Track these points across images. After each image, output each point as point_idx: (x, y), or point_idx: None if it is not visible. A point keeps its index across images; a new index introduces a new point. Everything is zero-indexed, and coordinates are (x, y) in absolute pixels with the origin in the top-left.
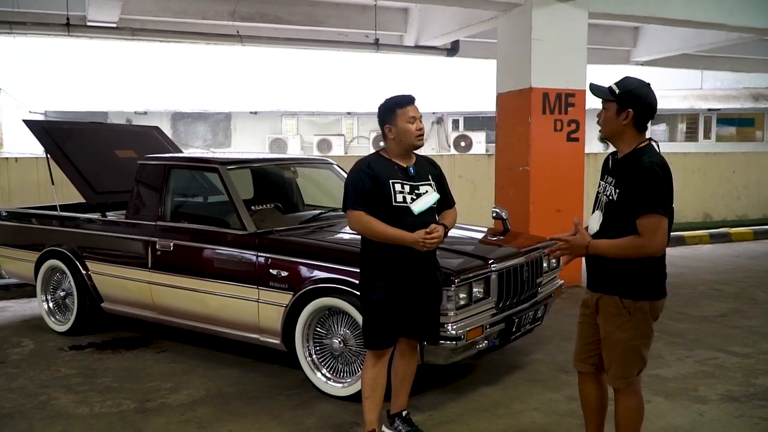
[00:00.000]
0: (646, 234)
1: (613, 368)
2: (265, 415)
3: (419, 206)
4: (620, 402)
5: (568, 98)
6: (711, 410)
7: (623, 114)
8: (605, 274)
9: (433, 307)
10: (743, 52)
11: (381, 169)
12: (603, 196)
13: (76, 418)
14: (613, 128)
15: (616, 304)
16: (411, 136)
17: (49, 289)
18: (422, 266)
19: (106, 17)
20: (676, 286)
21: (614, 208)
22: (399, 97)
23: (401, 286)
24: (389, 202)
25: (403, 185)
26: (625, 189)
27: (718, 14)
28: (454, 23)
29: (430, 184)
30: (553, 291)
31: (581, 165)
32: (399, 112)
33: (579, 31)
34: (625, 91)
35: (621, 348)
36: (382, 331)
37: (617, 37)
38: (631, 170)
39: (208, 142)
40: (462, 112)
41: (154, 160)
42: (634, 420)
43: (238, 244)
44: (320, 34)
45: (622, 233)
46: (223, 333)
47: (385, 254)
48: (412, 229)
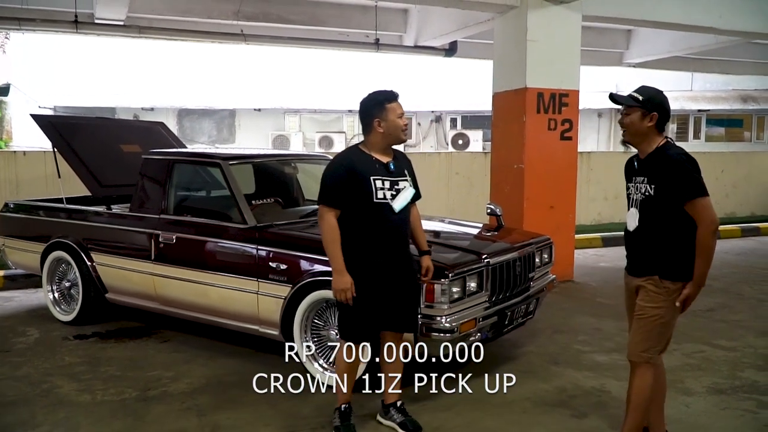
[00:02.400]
0: (702, 216)
1: (637, 341)
2: (263, 403)
3: (399, 203)
4: (635, 378)
5: (562, 98)
6: (697, 402)
7: (648, 117)
8: (646, 259)
9: (410, 298)
10: (732, 55)
11: (362, 164)
12: (637, 194)
13: (78, 405)
14: (638, 130)
15: (656, 283)
16: (399, 130)
17: (55, 280)
18: (395, 259)
19: (113, 15)
20: None
21: (652, 202)
22: (387, 92)
23: (375, 278)
24: (370, 199)
25: (383, 182)
26: (661, 182)
27: (708, 18)
28: (452, 24)
29: (407, 180)
30: (545, 285)
31: (574, 163)
32: (389, 107)
33: (573, 33)
34: (648, 98)
35: (650, 323)
36: (357, 323)
37: (610, 39)
38: (662, 165)
39: (213, 138)
40: (460, 111)
41: (158, 155)
42: (645, 396)
43: (239, 237)
44: (322, 33)
45: (660, 223)
46: (224, 324)
47: (359, 247)
48: (393, 225)
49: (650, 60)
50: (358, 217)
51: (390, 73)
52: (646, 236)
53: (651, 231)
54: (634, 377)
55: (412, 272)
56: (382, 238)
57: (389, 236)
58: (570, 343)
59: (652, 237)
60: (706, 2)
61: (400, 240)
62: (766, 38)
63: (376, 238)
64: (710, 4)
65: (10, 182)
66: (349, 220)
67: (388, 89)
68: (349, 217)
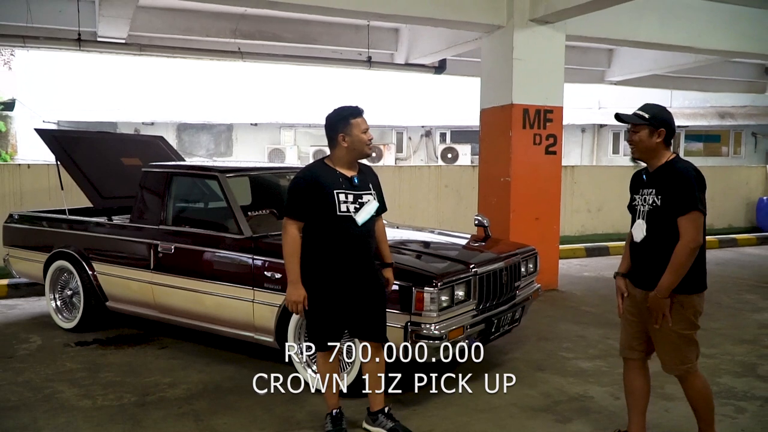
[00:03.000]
0: (688, 231)
1: (669, 358)
2: (259, 408)
3: (362, 217)
4: (688, 387)
5: (547, 114)
6: (676, 407)
7: (655, 134)
8: (657, 274)
9: (376, 307)
10: (710, 73)
11: (326, 178)
12: (643, 206)
13: (79, 410)
14: (647, 147)
15: (672, 299)
16: (364, 144)
17: (57, 288)
18: (359, 270)
19: (115, 33)
20: None
21: (659, 213)
22: (352, 108)
23: (339, 289)
24: (333, 212)
25: (347, 195)
26: (667, 193)
27: (687, 37)
28: (442, 43)
29: (371, 193)
30: (531, 294)
31: (558, 176)
32: (353, 122)
33: (557, 51)
34: (653, 114)
35: (675, 338)
36: (321, 333)
37: (593, 58)
38: (669, 177)
39: (211, 151)
40: (449, 125)
41: (158, 168)
42: (706, 398)
43: (235, 247)
44: (316, 51)
45: (667, 234)
46: (220, 331)
47: (323, 259)
48: (356, 237)
49: (631, 78)
50: (323, 230)
51: (382, 90)
52: (654, 247)
53: (659, 242)
54: (686, 389)
55: (377, 283)
56: (346, 250)
57: (353, 248)
58: (555, 350)
59: (661, 249)
60: (684, 23)
61: (363, 252)
62: (742, 57)
63: (340, 250)
64: (688, 25)
65: (15, 194)
66: (314, 232)
67: (353, 105)
68: (313, 230)
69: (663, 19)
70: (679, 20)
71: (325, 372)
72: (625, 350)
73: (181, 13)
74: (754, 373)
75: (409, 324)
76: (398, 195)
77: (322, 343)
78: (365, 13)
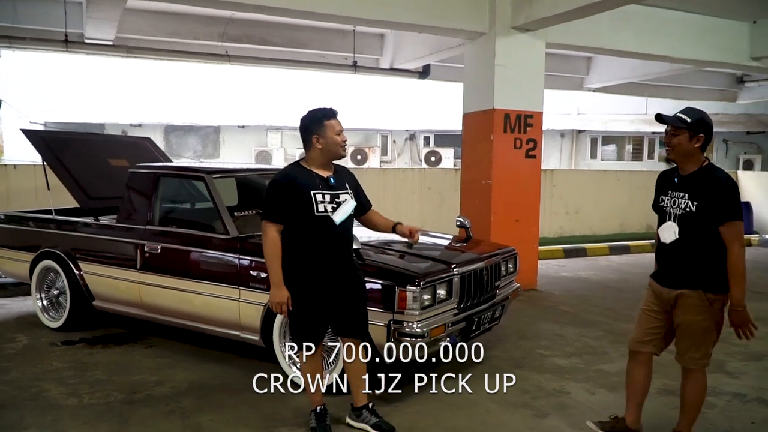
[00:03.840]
0: (734, 239)
1: (692, 351)
2: (245, 406)
3: (340, 216)
4: (690, 381)
5: (527, 119)
6: (648, 402)
7: (695, 139)
8: (689, 273)
9: (357, 304)
10: (684, 82)
11: (302, 180)
12: (674, 209)
13: (65, 408)
14: (686, 150)
15: (701, 297)
16: (338, 146)
17: (44, 288)
18: (339, 269)
19: (102, 35)
20: (621, 290)
21: (693, 218)
22: (326, 110)
23: (320, 288)
24: (311, 212)
25: (324, 195)
26: (705, 200)
27: (662, 47)
28: (426, 49)
29: (348, 193)
30: (510, 293)
31: (538, 180)
32: (327, 124)
33: (537, 58)
34: (697, 119)
35: (701, 334)
36: (303, 332)
37: (572, 65)
38: (708, 184)
39: (198, 153)
40: (432, 129)
41: (145, 169)
42: (702, 396)
43: (221, 247)
44: (303, 55)
45: (700, 238)
46: (207, 330)
47: (303, 259)
48: (335, 237)
49: (609, 85)
50: (301, 231)
51: (367, 94)
52: (687, 250)
53: (693, 246)
54: (688, 381)
55: (357, 280)
56: (325, 250)
57: (332, 248)
58: (533, 347)
59: (695, 252)
60: (660, 33)
61: (342, 251)
62: (714, 66)
63: (319, 250)
64: (664, 35)
65: (1, 194)
66: (293, 234)
67: (328, 107)
68: (292, 231)
69: (640, 29)
70: (655, 31)
71: (308, 370)
72: (637, 344)
73: (168, 16)
74: (723, 370)
75: (392, 322)
76: (382, 197)
77: (305, 342)
78: (352, 19)
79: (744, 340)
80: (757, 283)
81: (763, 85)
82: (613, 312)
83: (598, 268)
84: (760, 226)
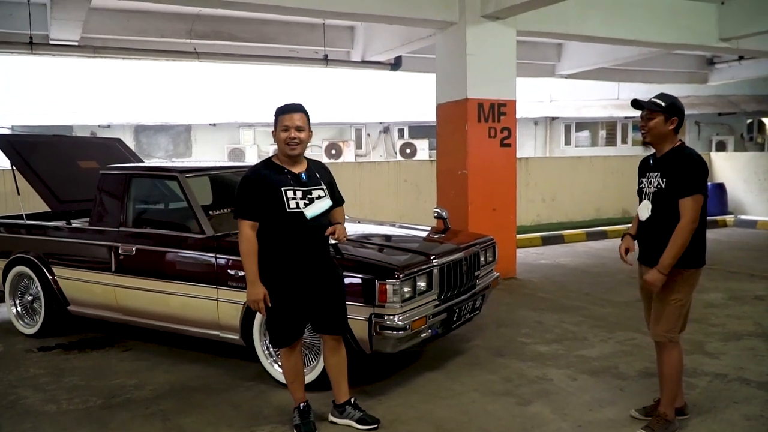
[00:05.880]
0: (687, 211)
1: (662, 324)
2: (226, 405)
3: (312, 211)
4: (664, 355)
5: (501, 108)
6: (630, 385)
7: (669, 121)
8: (660, 248)
9: (335, 300)
10: (654, 66)
11: (272, 176)
12: (650, 188)
13: (44, 415)
14: (660, 132)
15: (672, 271)
16: (283, 143)
17: (18, 294)
18: (314, 265)
19: (68, 36)
20: (599, 275)
21: (663, 194)
22: (284, 105)
23: (295, 285)
24: (283, 209)
25: (295, 191)
26: (672, 176)
27: (630, 31)
28: (397, 40)
29: (322, 189)
30: (490, 283)
31: (513, 168)
32: (279, 119)
33: (508, 47)
34: (670, 103)
35: (671, 307)
36: (281, 329)
37: (543, 52)
38: (675, 161)
39: (170, 152)
40: (407, 121)
41: (116, 170)
42: (678, 370)
43: (197, 246)
44: (272, 50)
45: (671, 214)
46: (185, 331)
47: (278, 256)
48: (308, 232)
49: (580, 71)
50: (274, 227)
51: (340, 87)
52: (658, 226)
53: (663, 221)
54: (662, 355)
55: (334, 276)
56: (299, 246)
57: (306, 244)
58: (514, 336)
59: (665, 227)
60: (627, 17)
61: (317, 247)
62: (683, 48)
63: (293, 247)
64: (631, 19)
65: None
66: (267, 231)
67: (291, 102)
68: (266, 228)
69: (607, 14)
70: (623, 15)
71: (289, 367)
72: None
73: (134, 15)
74: (702, 350)
75: (372, 316)
76: (359, 191)
77: (283, 340)
78: (321, 12)
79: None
80: (732, 263)
81: (733, 66)
82: (591, 297)
83: (576, 255)
84: (734, 207)
